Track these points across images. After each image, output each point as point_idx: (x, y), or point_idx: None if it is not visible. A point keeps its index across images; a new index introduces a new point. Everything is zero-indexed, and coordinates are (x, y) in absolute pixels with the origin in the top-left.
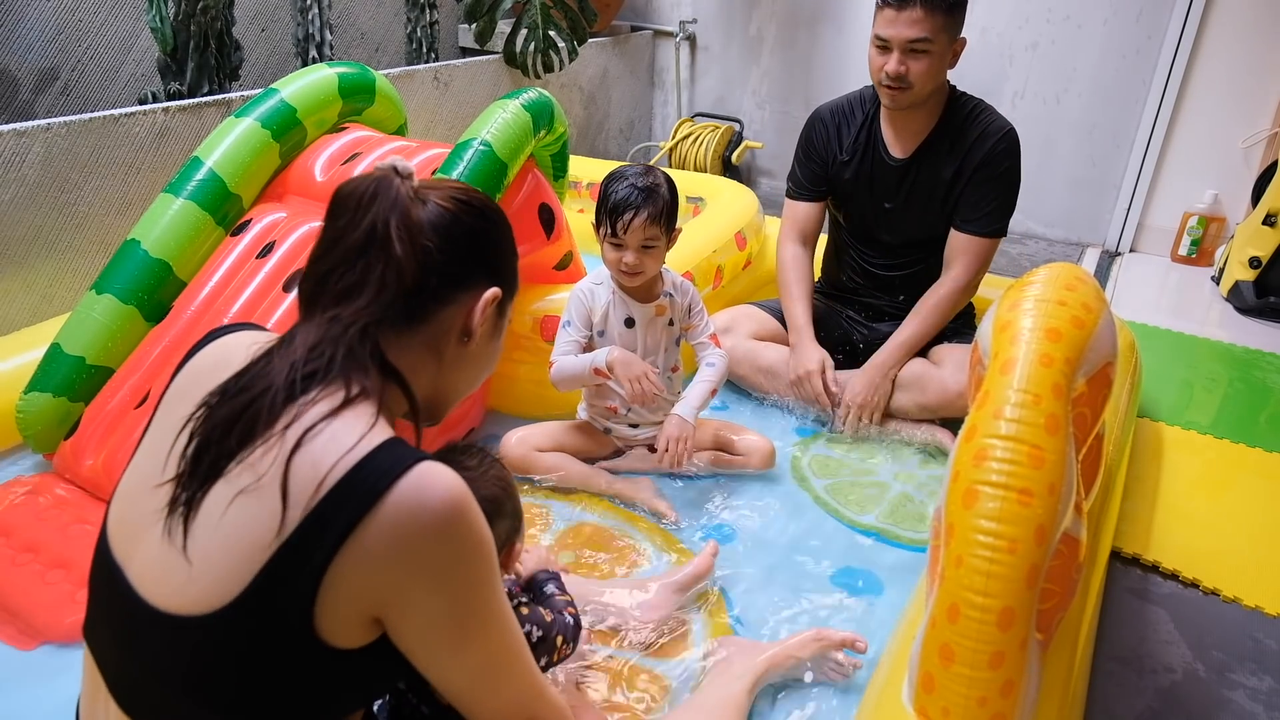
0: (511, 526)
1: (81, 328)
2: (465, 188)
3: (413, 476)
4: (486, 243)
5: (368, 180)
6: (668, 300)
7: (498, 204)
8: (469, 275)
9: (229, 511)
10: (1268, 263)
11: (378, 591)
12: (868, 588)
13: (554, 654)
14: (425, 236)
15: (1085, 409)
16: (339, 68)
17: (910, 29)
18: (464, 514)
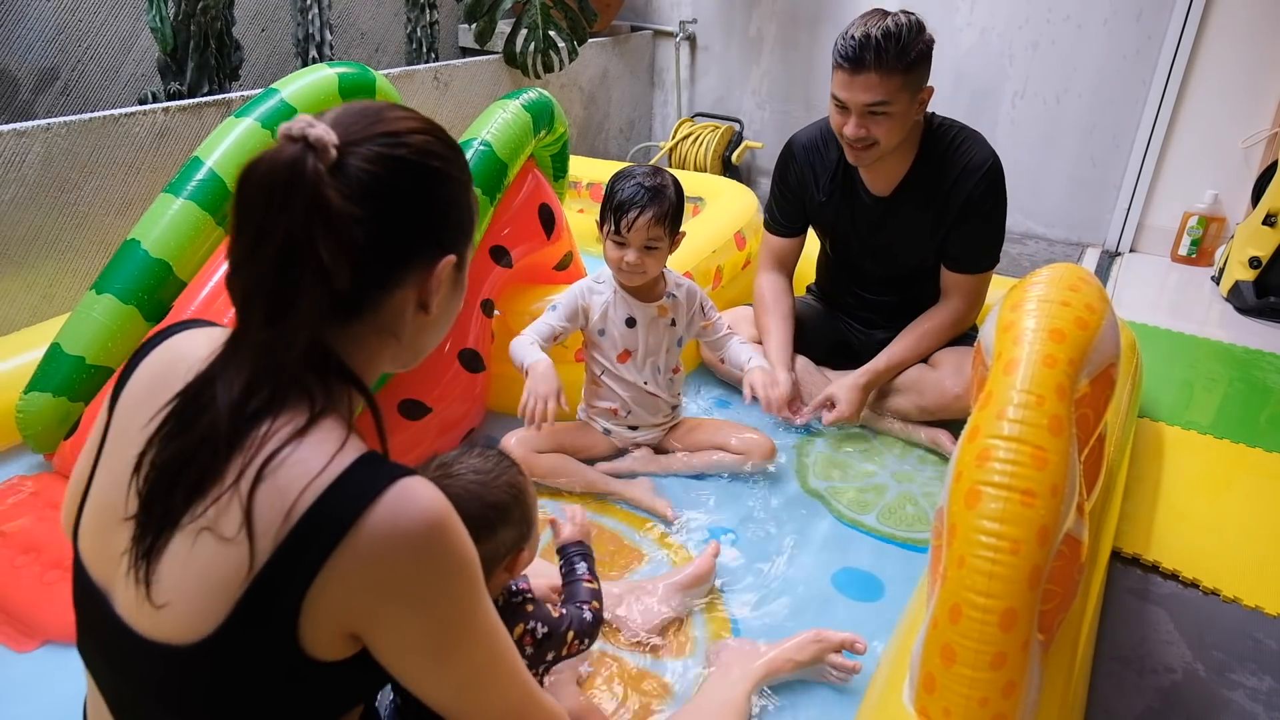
0: (519, 534)
1: (81, 328)
2: (408, 128)
3: (388, 499)
4: (429, 204)
5: (278, 168)
6: (670, 301)
7: (447, 138)
8: (415, 250)
9: (195, 550)
10: (1268, 263)
11: (355, 613)
12: (868, 588)
13: (563, 648)
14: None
15: (1088, 410)
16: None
17: (866, 93)
18: (443, 533)
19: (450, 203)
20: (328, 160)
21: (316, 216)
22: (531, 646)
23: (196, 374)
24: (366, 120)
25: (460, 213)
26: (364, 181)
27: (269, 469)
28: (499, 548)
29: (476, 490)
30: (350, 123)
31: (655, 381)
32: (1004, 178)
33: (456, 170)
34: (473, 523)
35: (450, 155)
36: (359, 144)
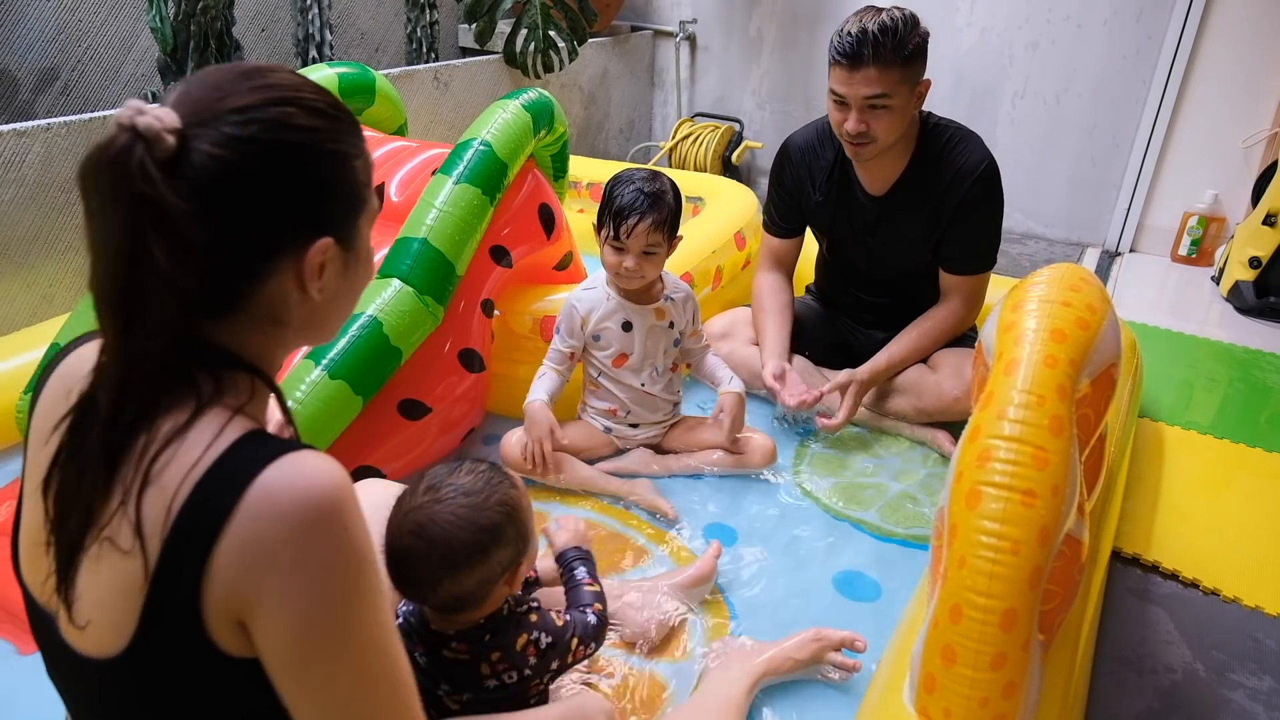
0: (515, 551)
1: (81, 328)
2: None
3: (269, 475)
4: (288, 185)
5: (103, 164)
6: (668, 304)
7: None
8: (278, 239)
9: (101, 566)
10: (1268, 263)
11: (238, 601)
12: (868, 588)
13: (567, 656)
14: (192, 225)
15: (1089, 410)
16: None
17: (866, 87)
18: (332, 511)
19: (319, 180)
20: (163, 149)
21: (146, 217)
22: (535, 657)
23: (80, 392)
24: (215, 95)
25: (334, 189)
26: (207, 171)
27: (153, 473)
28: (495, 568)
29: (468, 514)
30: (197, 99)
31: (653, 382)
32: (1000, 179)
33: (328, 141)
34: (466, 549)
35: (318, 125)
36: (205, 125)
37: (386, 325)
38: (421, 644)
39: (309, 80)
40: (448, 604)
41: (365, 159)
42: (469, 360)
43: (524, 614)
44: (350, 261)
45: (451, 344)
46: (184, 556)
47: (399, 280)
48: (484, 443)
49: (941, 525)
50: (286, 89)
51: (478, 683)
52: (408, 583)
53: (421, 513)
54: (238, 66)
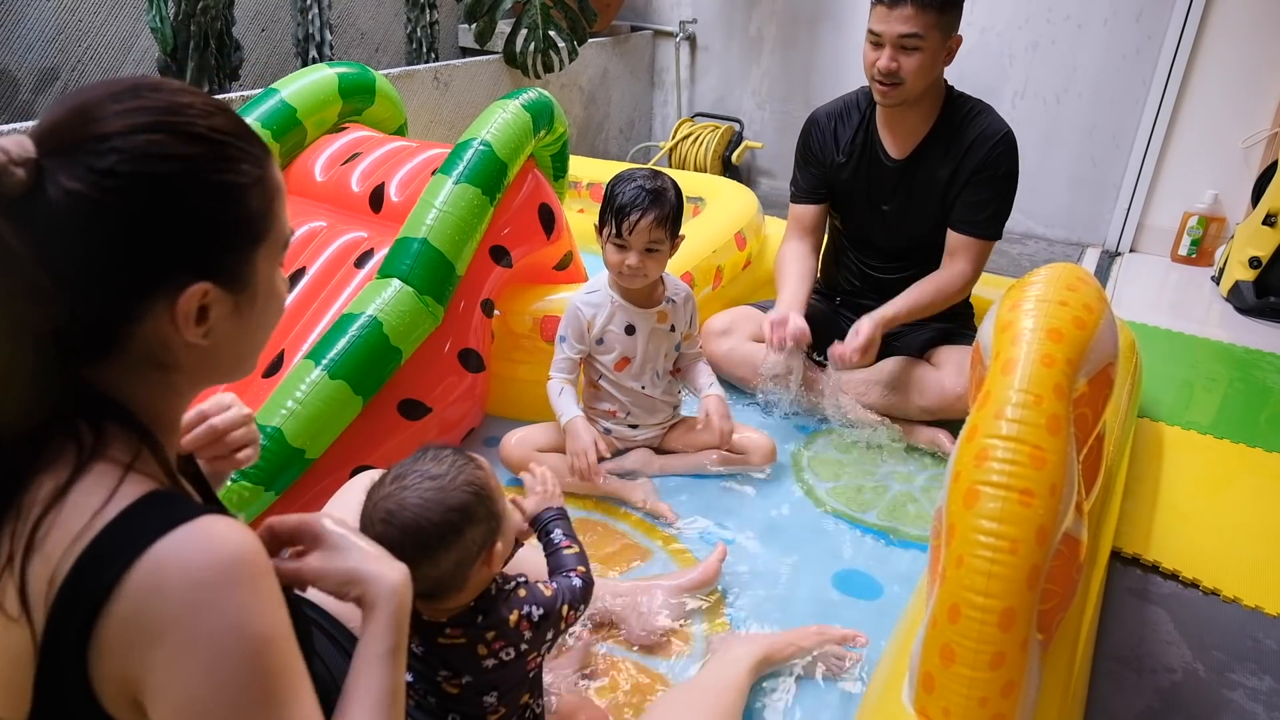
0: (488, 529)
1: None
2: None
3: (161, 546)
4: (157, 225)
5: None
6: (669, 307)
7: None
8: (145, 282)
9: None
10: (1268, 263)
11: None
12: (868, 588)
13: (560, 623)
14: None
15: (1086, 409)
16: (339, 68)
17: (902, 24)
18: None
19: (193, 216)
20: (12, 183)
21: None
22: (530, 630)
23: None
24: (79, 120)
25: (213, 225)
26: (61, 208)
27: (36, 539)
28: (470, 547)
29: (435, 497)
30: (61, 125)
31: (654, 385)
32: (1018, 150)
33: (206, 171)
34: (438, 529)
35: (193, 153)
36: (62, 155)
37: (386, 325)
38: (415, 635)
39: (196, 99)
40: (429, 589)
41: (264, 185)
42: (469, 360)
43: (512, 590)
44: (244, 303)
45: (451, 344)
46: (67, 631)
47: (399, 280)
48: (484, 443)
49: (940, 525)
50: (159, 112)
51: (476, 664)
52: None
53: (390, 500)
54: (113, 84)
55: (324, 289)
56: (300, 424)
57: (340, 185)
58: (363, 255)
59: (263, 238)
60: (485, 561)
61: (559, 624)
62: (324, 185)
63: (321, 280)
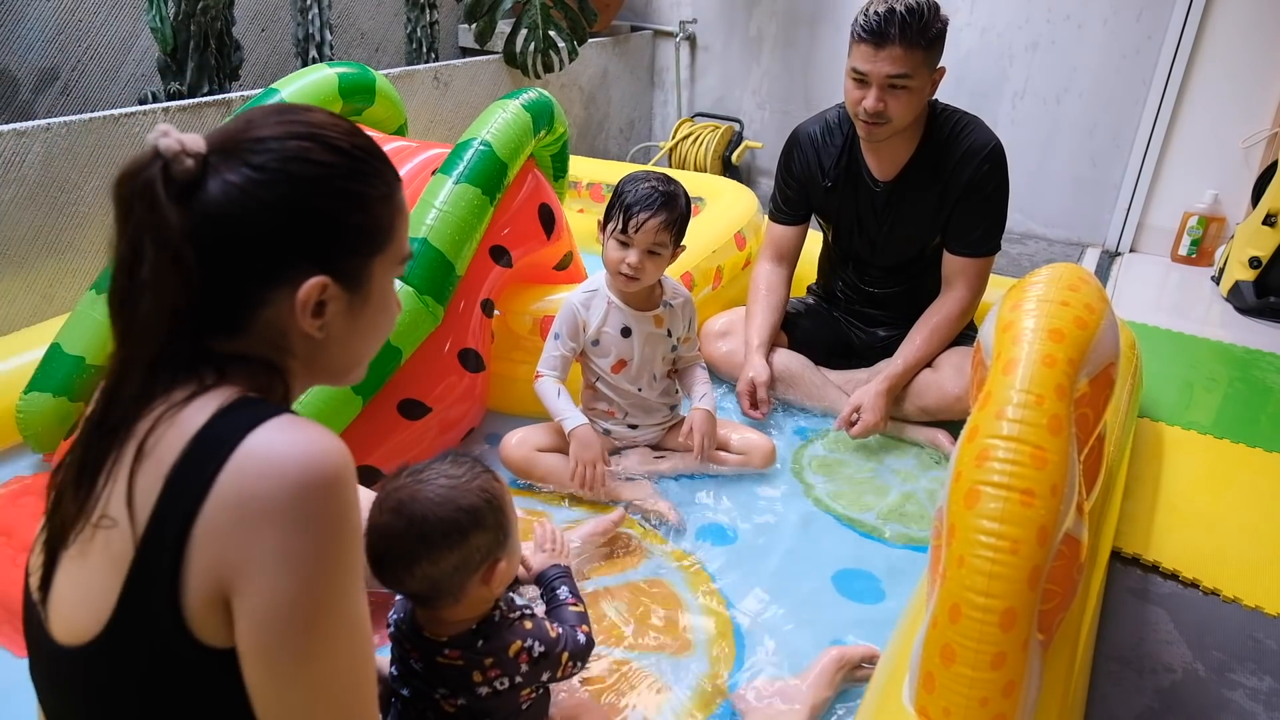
0: (494, 540)
1: (81, 327)
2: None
3: (254, 440)
4: (299, 219)
5: (124, 175)
6: (666, 311)
7: (336, 139)
8: (275, 269)
9: (90, 549)
10: (1268, 263)
11: (224, 567)
12: (868, 588)
13: (558, 669)
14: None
15: (1087, 409)
16: (339, 68)
17: (890, 65)
18: (335, 476)
19: (328, 217)
20: (180, 171)
21: (147, 231)
22: (527, 664)
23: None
24: (244, 127)
25: (344, 229)
26: (217, 196)
27: (147, 446)
28: (473, 554)
29: (447, 494)
30: (229, 130)
31: (650, 388)
32: (1006, 162)
33: (348, 179)
34: (444, 526)
35: (337, 162)
36: (227, 154)
37: None
38: (415, 650)
39: (342, 121)
40: (424, 591)
41: (390, 202)
42: (469, 360)
43: (517, 620)
44: (358, 304)
45: (451, 344)
46: (170, 520)
47: (398, 280)
48: (485, 442)
49: (941, 525)
50: (311, 125)
51: (471, 689)
52: (385, 563)
53: (404, 491)
54: (277, 105)
55: None
56: None
57: None
58: None
59: (383, 248)
60: (485, 579)
61: (556, 668)
62: None
63: None
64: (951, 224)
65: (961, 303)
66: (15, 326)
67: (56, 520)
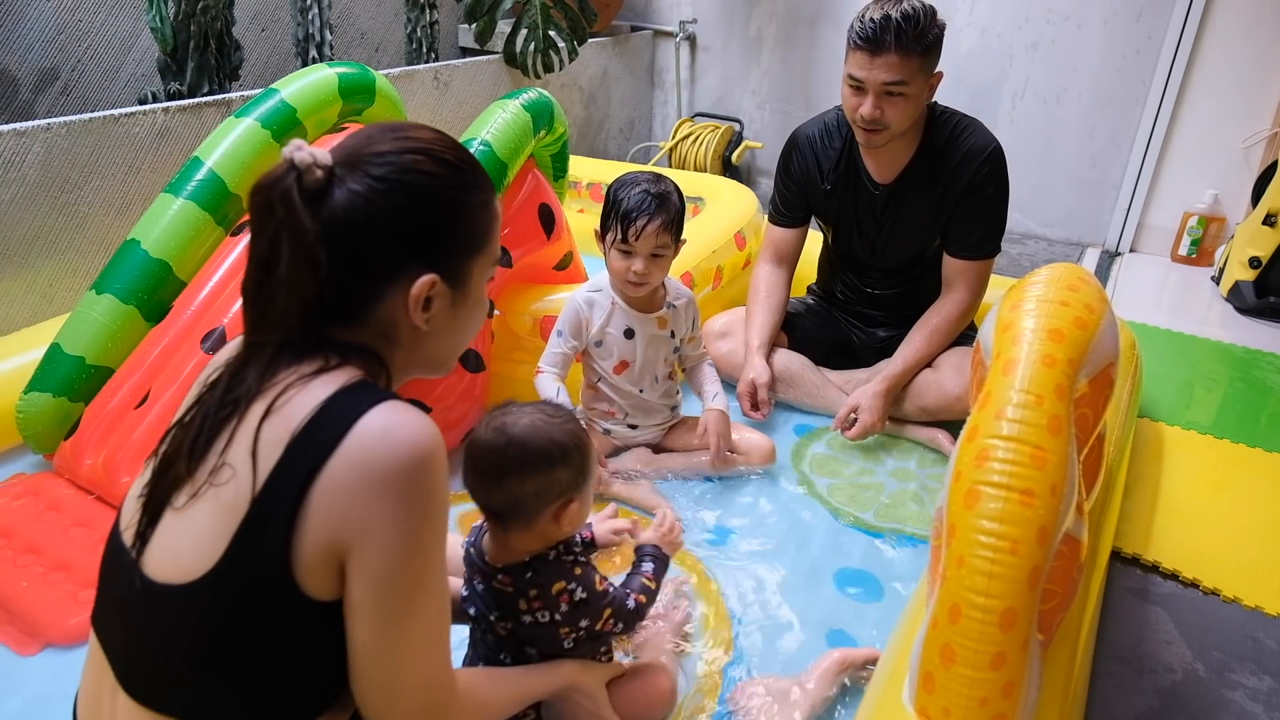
0: (575, 479)
1: (81, 328)
2: (401, 148)
3: (376, 414)
4: (412, 224)
5: (262, 188)
6: (670, 312)
7: (445, 155)
8: (393, 267)
9: (204, 498)
10: (1268, 263)
11: (342, 531)
12: (868, 587)
13: (597, 622)
14: (318, 245)
15: (1087, 410)
16: (339, 68)
17: (886, 73)
18: (437, 456)
19: (437, 222)
20: (311, 180)
21: (285, 234)
22: (567, 605)
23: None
24: (364, 142)
25: (449, 230)
26: (343, 202)
27: (276, 405)
28: (554, 484)
29: (545, 426)
30: (350, 145)
31: (652, 390)
32: (1006, 164)
33: (450, 188)
34: (537, 451)
35: (445, 174)
36: (350, 166)
37: None
38: (479, 574)
39: (446, 137)
40: (505, 506)
41: (488, 209)
42: (469, 360)
43: (569, 564)
44: (459, 300)
45: None
46: (291, 475)
47: None
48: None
49: (940, 525)
50: (422, 141)
51: (516, 615)
52: (480, 473)
53: (506, 417)
54: (390, 123)
55: None
56: None
57: None
58: None
59: (481, 249)
60: (557, 515)
61: (596, 620)
62: None
63: None
64: (951, 227)
65: (961, 305)
66: (15, 326)
67: (166, 481)
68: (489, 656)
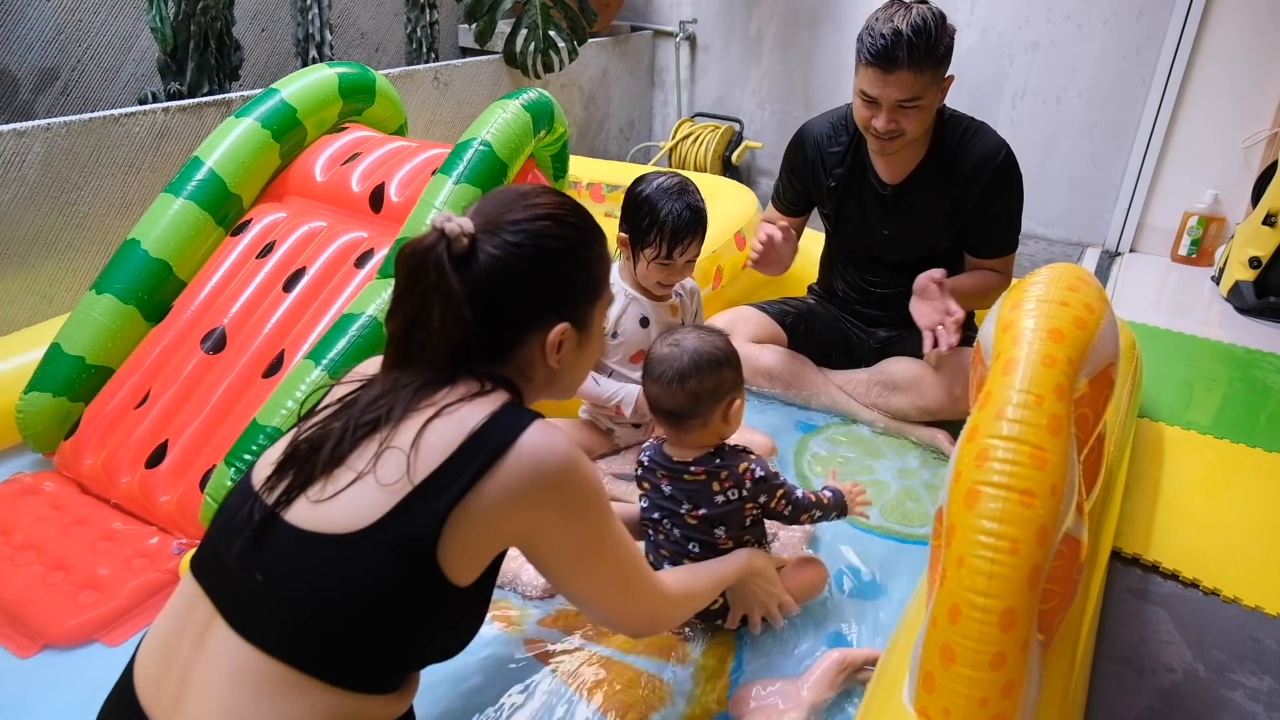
0: (736, 381)
1: (81, 328)
2: (533, 215)
3: (536, 429)
4: (544, 280)
5: (416, 253)
6: (679, 301)
7: (570, 218)
8: (530, 320)
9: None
10: (1268, 263)
11: (517, 523)
12: (868, 587)
13: (771, 499)
14: (468, 307)
15: (1087, 410)
16: (339, 68)
17: (900, 91)
18: (579, 463)
19: (564, 278)
20: (459, 248)
21: (436, 293)
22: (750, 482)
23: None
24: (500, 209)
25: (575, 285)
26: (486, 265)
27: (447, 410)
28: (723, 383)
29: (706, 339)
30: (488, 211)
31: None
32: (1018, 164)
33: (577, 247)
34: (708, 356)
35: (570, 235)
36: (490, 232)
37: None
38: (666, 476)
39: (568, 199)
40: (686, 404)
41: (604, 259)
42: None
43: (743, 451)
44: (584, 340)
45: None
46: (458, 472)
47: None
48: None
49: (940, 525)
50: (550, 208)
51: (710, 499)
52: (662, 380)
53: (678, 333)
54: (518, 189)
55: (324, 289)
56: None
57: (340, 185)
58: (363, 255)
59: (600, 295)
60: (724, 414)
61: (771, 497)
62: (324, 185)
63: (321, 280)
64: (971, 234)
65: (998, 279)
66: (15, 326)
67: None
68: (676, 552)
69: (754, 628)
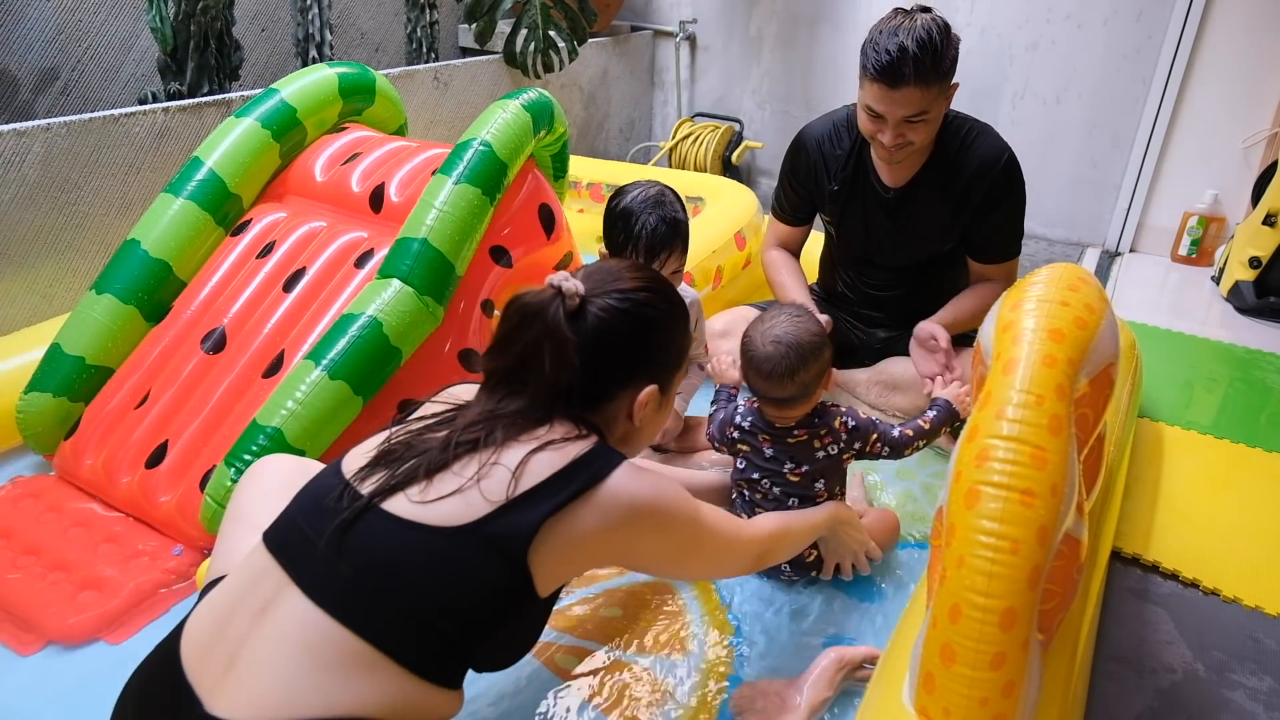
0: (830, 356)
1: (81, 328)
2: (637, 286)
3: (626, 468)
4: (643, 344)
5: (534, 304)
6: None
7: (667, 293)
8: (626, 378)
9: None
10: (1268, 263)
11: (611, 546)
12: (868, 587)
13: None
14: (577, 355)
15: (1087, 409)
16: (339, 68)
17: (906, 108)
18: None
19: (659, 345)
20: (571, 305)
21: (548, 340)
22: (845, 433)
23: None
24: (608, 279)
25: (666, 353)
26: (593, 324)
27: (552, 446)
28: (823, 364)
29: (803, 326)
30: (597, 279)
31: None
32: (1020, 167)
33: (670, 320)
34: (810, 345)
35: (665, 308)
36: (599, 295)
37: (386, 325)
38: (768, 439)
39: (662, 278)
40: (795, 394)
41: (689, 334)
42: (469, 360)
43: (835, 407)
44: (663, 404)
45: (451, 344)
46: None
47: (399, 280)
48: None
49: (941, 525)
50: (651, 282)
51: (812, 455)
52: (773, 377)
53: (773, 330)
54: (625, 263)
55: (324, 289)
56: (300, 424)
57: (340, 185)
58: (363, 255)
59: (681, 365)
60: (823, 383)
61: (865, 442)
62: (324, 185)
63: (321, 280)
64: (974, 238)
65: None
66: (15, 326)
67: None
68: (777, 508)
69: (846, 574)
